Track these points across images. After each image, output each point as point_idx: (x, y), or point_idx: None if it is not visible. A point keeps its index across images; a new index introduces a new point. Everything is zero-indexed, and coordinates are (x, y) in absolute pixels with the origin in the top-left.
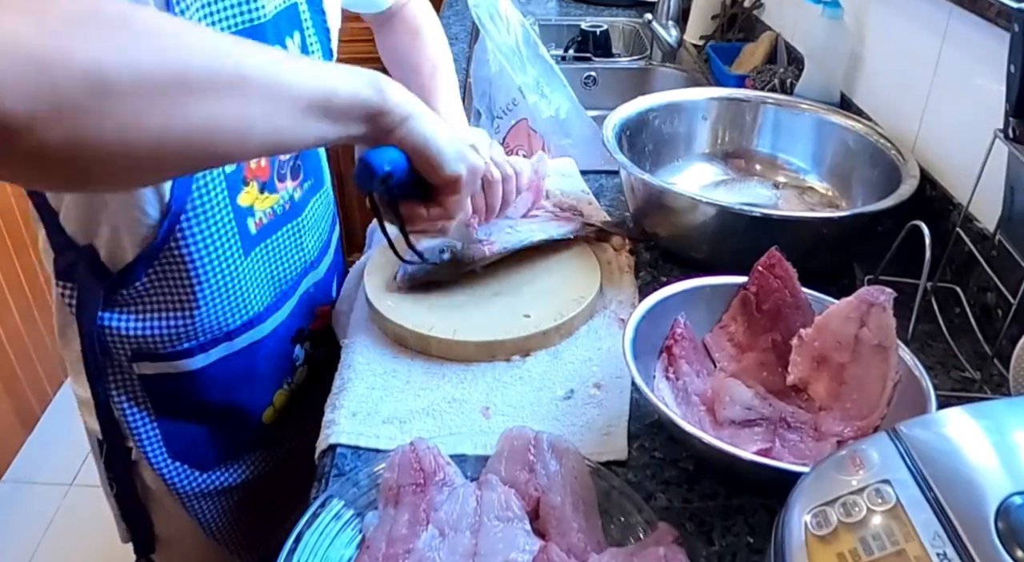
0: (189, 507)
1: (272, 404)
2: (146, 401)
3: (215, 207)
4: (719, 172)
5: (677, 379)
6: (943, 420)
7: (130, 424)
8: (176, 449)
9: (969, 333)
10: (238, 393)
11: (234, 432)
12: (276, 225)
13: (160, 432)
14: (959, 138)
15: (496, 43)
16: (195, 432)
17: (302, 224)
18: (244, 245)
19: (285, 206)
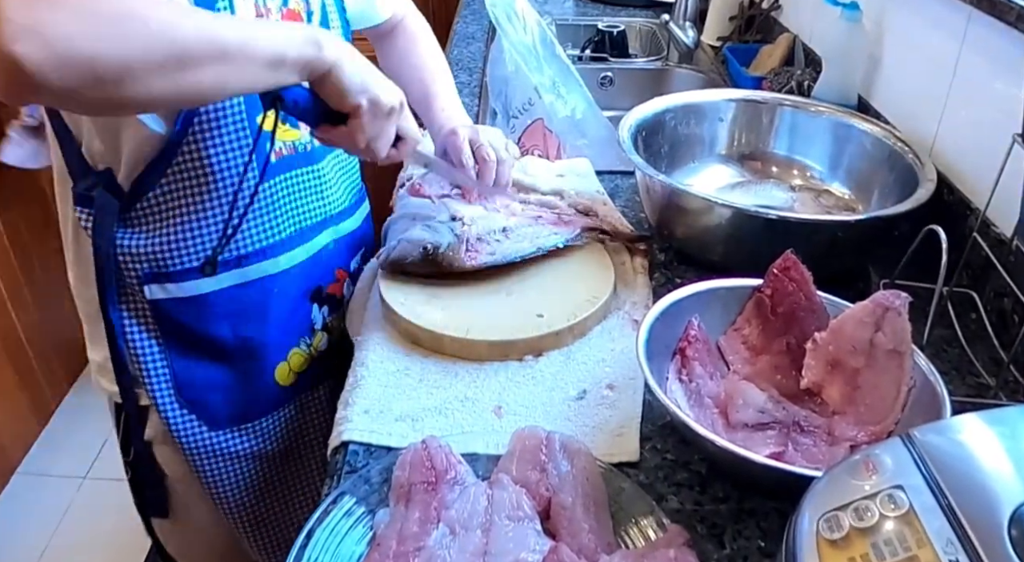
0: (198, 466)
1: (287, 361)
2: (156, 331)
3: (231, 117)
4: (735, 174)
5: (690, 381)
6: (957, 426)
7: (141, 361)
8: (187, 397)
9: (985, 339)
10: (248, 331)
11: (246, 387)
12: (295, 162)
13: (170, 369)
14: (977, 142)
15: (513, 42)
16: (207, 376)
17: (321, 174)
18: (261, 168)
19: (306, 147)
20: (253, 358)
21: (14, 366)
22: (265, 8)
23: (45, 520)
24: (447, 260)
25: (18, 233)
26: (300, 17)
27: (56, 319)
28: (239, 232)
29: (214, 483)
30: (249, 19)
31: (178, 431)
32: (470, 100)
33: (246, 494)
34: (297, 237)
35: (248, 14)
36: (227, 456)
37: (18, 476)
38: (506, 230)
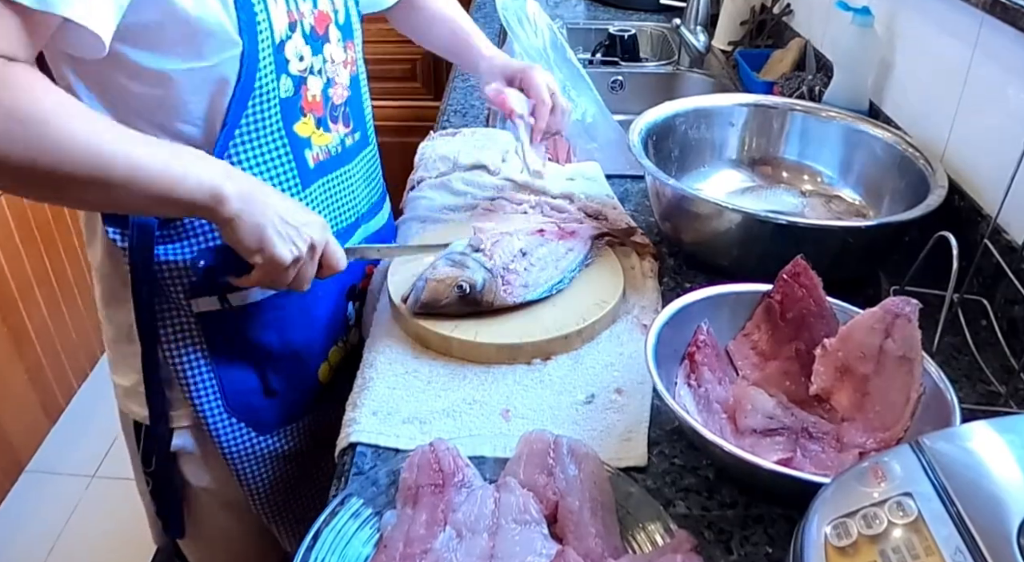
0: (240, 471)
1: (328, 360)
2: (202, 343)
3: (268, 129)
4: (745, 179)
5: (699, 386)
6: (967, 434)
7: (187, 376)
8: (235, 405)
9: (995, 346)
10: (294, 335)
11: (291, 389)
12: (331, 165)
13: (218, 380)
14: (989, 148)
15: (524, 46)
16: (255, 383)
17: (352, 173)
18: (302, 175)
19: (338, 148)
20: (299, 361)
21: (24, 364)
22: (299, 12)
23: (53, 518)
24: (486, 298)
25: (30, 232)
26: (329, 17)
27: (66, 318)
28: None
29: (255, 486)
30: (165, 149)
31: (226, 441)
32: (480, 103)
33: (285, 492)
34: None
35: (281, 19)
36: (271, 458)
37: (27, 474)
38: (525, 254)
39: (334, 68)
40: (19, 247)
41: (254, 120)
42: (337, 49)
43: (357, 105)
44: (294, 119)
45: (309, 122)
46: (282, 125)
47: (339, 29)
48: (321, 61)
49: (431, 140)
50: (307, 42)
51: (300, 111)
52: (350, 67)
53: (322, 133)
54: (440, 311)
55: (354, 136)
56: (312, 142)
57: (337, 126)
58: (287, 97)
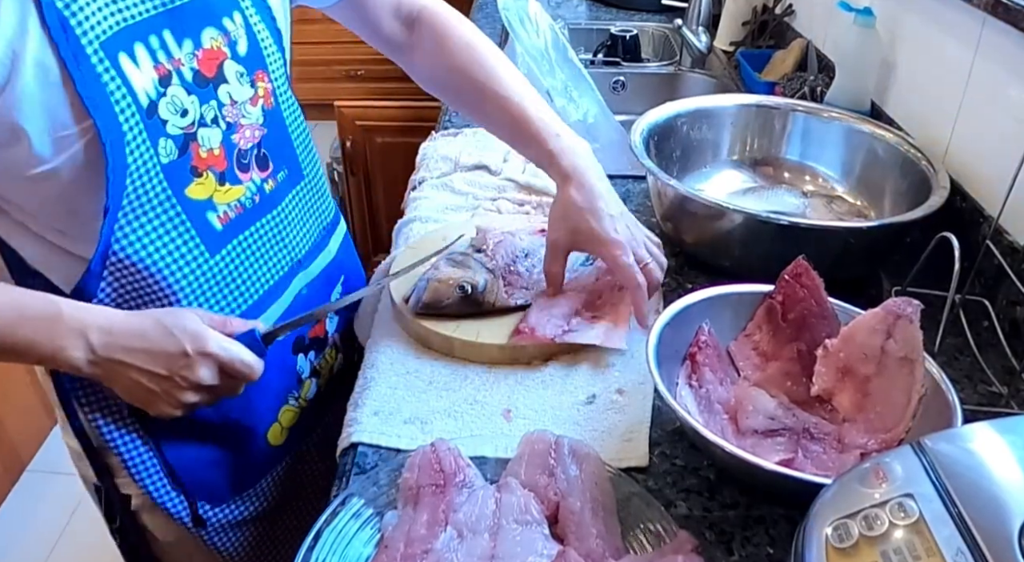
0: (202, 537)
1: (278, 421)
2: (135, 424)
3: (156, 202)
4: (747, 179)
5: (700, 387)
6: (969, 435)
7: (126, 458)
8: (180, 478)
9: (997, 347)
10: (232, 406)
11: (241, 457)
12: (248, 219)
13: (160, 461)
14: (991, 149)
15: (525, 46)
16: (199, 457)
17: (281, 218)
18: (207, 243)
19: (255, 198)
20: (243, 429)
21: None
22: (172, 62)
23: (55, 517)
24: (488, 299)
25: None
26: (222, 53)
27: None
28: (208, 308)
29: (221, 547)
30: (6, 307)
31: (178, 514)
32: None
33: (252, 550)
34: (267, 297)
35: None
36: (232, 524)
37: (28, 473)
38: (527, 254)
39: (236, 110)
40: None
41: (136, 197)
42: (238, 87)
43: (279, 141)
44: (185, 183)
45: (207, 181)
46: (172, 194)
47: (239, 62)
48: (215, 107)
49: (433, 140)
50: (191, 92)
51: (192, 172)
52: (263, 101)
53: (228, 188)
54: (442, 311)
55: (277, 178)
56: (216, 202)
57: (251, 173)
58: (171, 161)
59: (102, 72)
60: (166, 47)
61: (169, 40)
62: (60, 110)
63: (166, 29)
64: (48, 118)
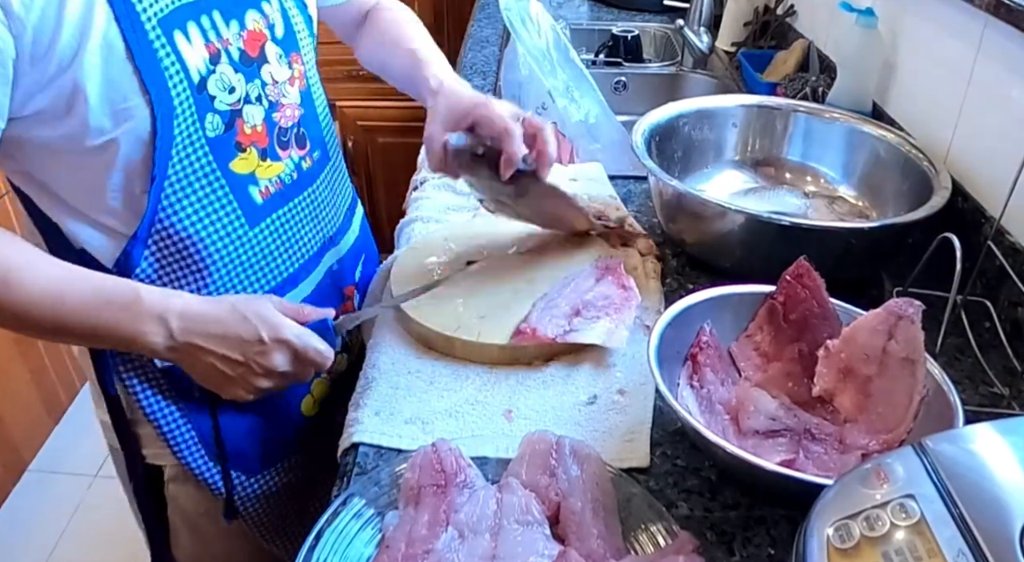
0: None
1: (311, 393)
2: (173, 395)
3: (201, 174)
4: (748, 180)
5: (701, 387)
6: (970, 436)
7: (164, 430)
8: (216, 452)
9: (999, 348)
10: None
11: (275, 427)
12: (287, 195)
13: (197, 433)
14: (992, 150)
15: (527, 47)
16: (235, 428)
17: (316, 195)
18: (248, 216)
19: (293, 175)
20: (277, 399)
21: (27, 364)
22: (221, 41)
23: (56, 517)
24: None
25: None
26: (263, 35)
27: None
28: (238, 286)
29: (250, 519)
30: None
31: (215, 484)
32: None
33: (283, 521)
34: (301, 271)
35: (198, 55)
36: (263, 496)
37: (30, 473)
38: None
39: (277, 89)
40: None
41: (182, 168)
42: (279, 67)
43: (313, 121)
44: (230, 157)
45: (250, 156)
46: (216, 167)
47: (278, 44)
48: (259, 86)
49: None
50: (237, 70)
51: (236, 147)
52: (299, 82)
53: (270, 164)
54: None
55: (313, 156)
56: (258, 177)
57: (289, 151)
58: (216, 136)
59: (158, 48)
60: (216, 27)
61: (218, 20)
62: (121, 83)
63: (215, 9)
64: (110, 90)
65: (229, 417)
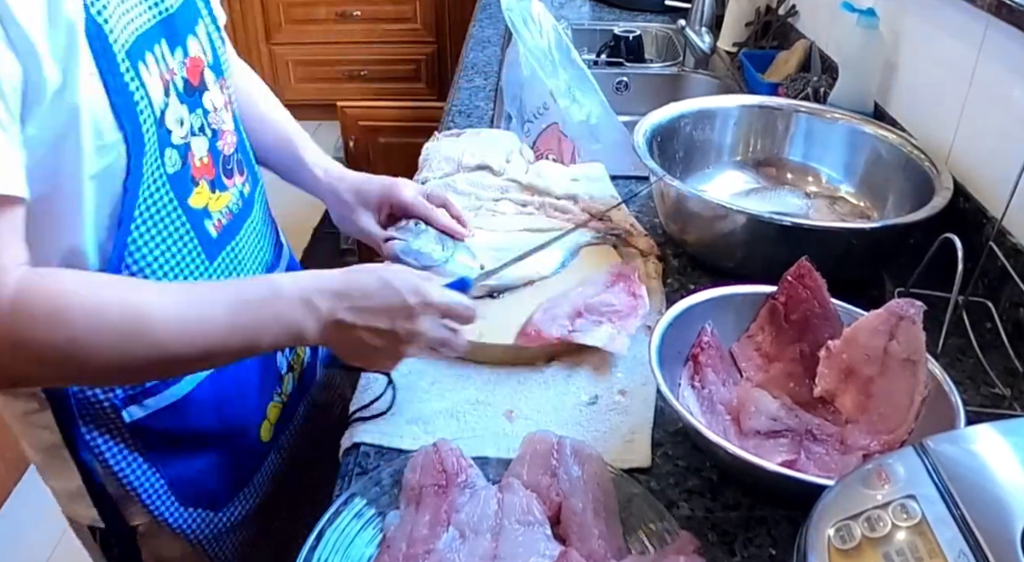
0: (206, 549)
1: (267, 418)
2: (140, 449)
3: (164, 213)
4: (750, 180)
5: (703, 387)
6: (971, 436)
7: (135, 484)
8: (186, 494)
9: (1000, 349)
10: (232, 411)
11: (237, 457)
12: (235, 227)
13: (164, 480)
14: (994, 151)
15: (528, 47)
16: (198, 469)
17: (256, 222)
18: (207, 251)
19: (238, 205)
20: (239, 431)
21: None
22: (169, 71)
23: (57, 517)
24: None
25: None
26: (201, 61)
27: None
28: None
29: (222, 555)
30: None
31: (188, 529)
32: (485, 104)
33: (249, 550)
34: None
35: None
36: (230, 527)
37: (31, 473)
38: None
39: (218, 117)
40: None
41: (147, 208)
42: (217, 93)
43: (243, 145)
44: (187, 193)
45: (203, 190)
46: (177, 204)
47: (212, 70)
48: (202, 115)
49: (435, 141)
50: (182, 101)
51: (191, 182)
52: (230, 107)
53: (219, 195)
54: None
55: (249, 182)
56: (210, 210)
57: (233, 179)
58: (175, 172)
59: (128, 81)
60: (164, 57)
61: (165, 49)
62: (101, 118)
63: (163, 38)
64: (92, 126)
65: (191, 459)
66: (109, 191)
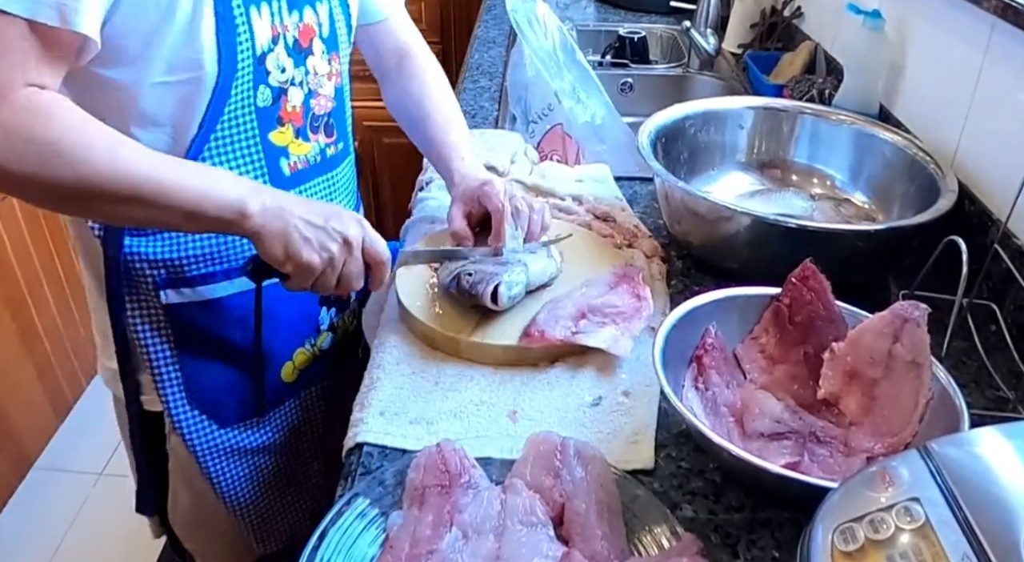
0: (204, 464)
1: (292, 361)
2: (169, 334)
3: (243, 137)
4: (755, 182)
5: (706, 389)
6: (976, 439)
7: (154, 365)
8: (198, 398)
9: (1004, 351)
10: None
11: (253, 385)
12: (309, 174)
13: (181, 372)
14: (1000, 153)
15: (533, 48)
16: (217, 377)
17: (333, 182)
18: (275, 183)
19: (317, 158)
20: (262, 358)
21: (33, 361)
22: (282, 26)
23: (61, 515)
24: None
25: (39, 229)
26: (313, 30)
27: (75, 315)
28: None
29: (220, 479)
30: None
31: (188, 432)
32: (490, 105)
33: (249, 488)
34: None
35: (264, 32)
36: (233, 452)
37: (35, 471)
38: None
39: (317, 80)
40: (29, 244)
41: (229, 127)
42: (321, 62)
43: (341, 116)
44: (270, 128)
45: (287, 132)
46: (257, 134)
47: (323, 42)
48: (303, 73)
49: None
50: (289, 54)
51: (278, 120)
52: (335, 79)
53: (300, 143)
54: None
55: (336, 146)
56: (290, 151)
57: (318, 136)
58: (265, 106)
59: (237, 16)
60: (280, 12)
61: (283, 7)
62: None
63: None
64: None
65: (212, 365)
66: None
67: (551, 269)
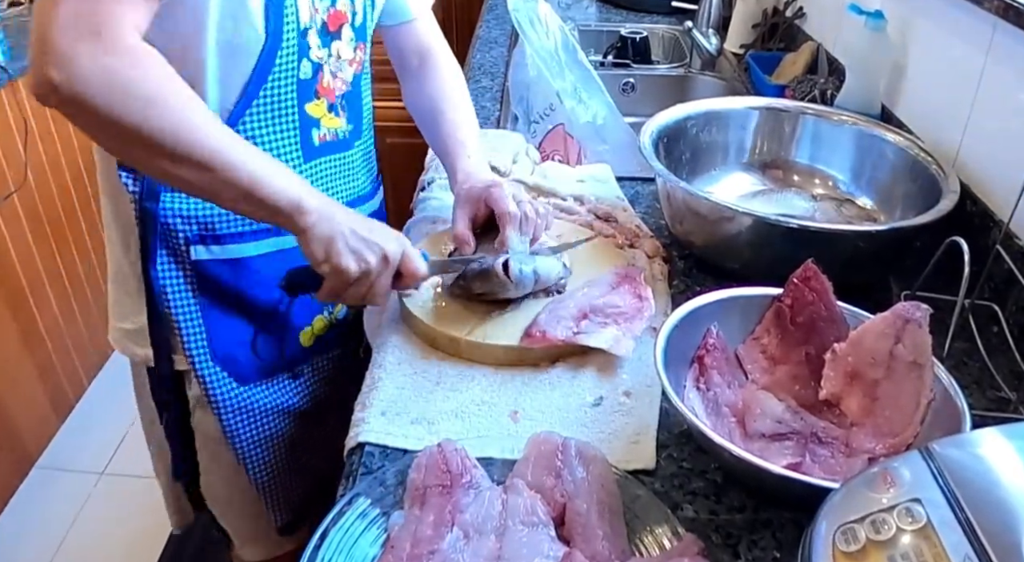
0: (225, 421)
1: (311, 326)
2: (195, 290)
3: (283, 104)
4: (756, 182)
5: (708, 390)
6: (977, 440)
7: (177, 319)
8: (219, 352)
9: (1006, 352)
10: (283, 300)
11: (273, 342)
12: (334, 148)
13: (205, 329)
14: (1002, 153)
15: (535, 48)
16: (237, 333)
17: (351, 160)
18: (305, 150)
19: (344, 135)
20: (281, 320)
21: (34, 360)
22: (313, 8)
23: (63, 514)
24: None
25: (41, 228)
26: (344, 17)
27: (77, 314)
28: None
29: (238, 438)
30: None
31: (211, 387)
32: (492, 105)
33: (265, 450)
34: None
35: (306, 9)
36: (251, 411)
37: (36, 470)
38: None
39: (339, 64)
40: (31, 244)
41: (270, 96)
42: (346, 47)
43: (355, 100)
44: (308, 99)
45: (321, 105)
46: (296, 104)
47: (353, 30)
48: (327, 55)
49: None
50: (319, 34)
51: (315, 94)
52: (355, 66)
53: (332, 117)
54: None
55: (349, 127)
56: (321, 123)
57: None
58: (305, 79)
59: None
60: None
61: None
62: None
63: None
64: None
65: (234, 324)
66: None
67: (557, 268)
